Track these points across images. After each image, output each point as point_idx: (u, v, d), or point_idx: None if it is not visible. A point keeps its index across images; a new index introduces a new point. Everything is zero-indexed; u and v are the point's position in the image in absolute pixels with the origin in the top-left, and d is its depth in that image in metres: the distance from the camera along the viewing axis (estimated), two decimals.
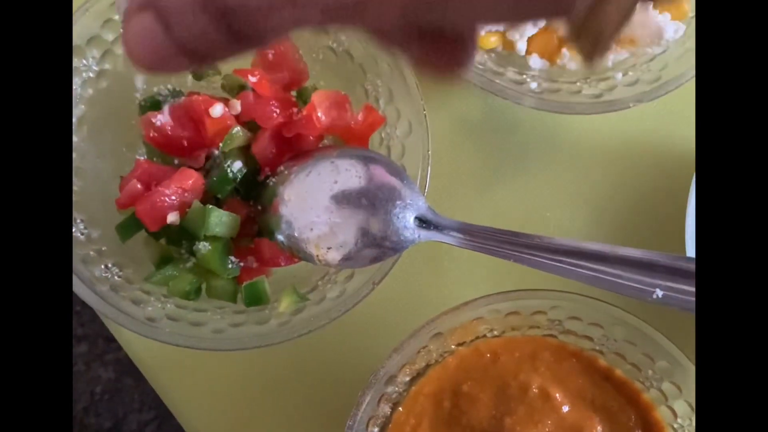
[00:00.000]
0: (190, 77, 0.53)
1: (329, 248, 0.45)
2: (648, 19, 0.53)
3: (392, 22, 0.23)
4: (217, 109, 0.48)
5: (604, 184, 0.58)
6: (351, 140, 0.50)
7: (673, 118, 0.58)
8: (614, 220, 0.57)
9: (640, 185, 0.58)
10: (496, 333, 0.49)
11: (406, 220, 0.45)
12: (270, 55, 0.51)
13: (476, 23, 0.24)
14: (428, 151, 0.48)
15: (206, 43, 0.23)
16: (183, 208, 0.48)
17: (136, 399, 0.58)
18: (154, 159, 0.50)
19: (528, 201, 0.58)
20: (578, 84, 0.54)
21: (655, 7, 0.52)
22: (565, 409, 0.47)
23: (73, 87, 0.50)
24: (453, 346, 0.49)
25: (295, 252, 0.47)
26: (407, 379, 0.48)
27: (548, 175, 0.58)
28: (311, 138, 0.49)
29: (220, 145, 0.48)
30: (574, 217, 0.57)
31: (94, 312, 0.58)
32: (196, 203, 0.47)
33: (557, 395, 0.47)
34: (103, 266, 0.49)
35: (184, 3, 0.22)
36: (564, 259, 0.43)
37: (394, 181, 0.46)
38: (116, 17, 0.50)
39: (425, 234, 0.45)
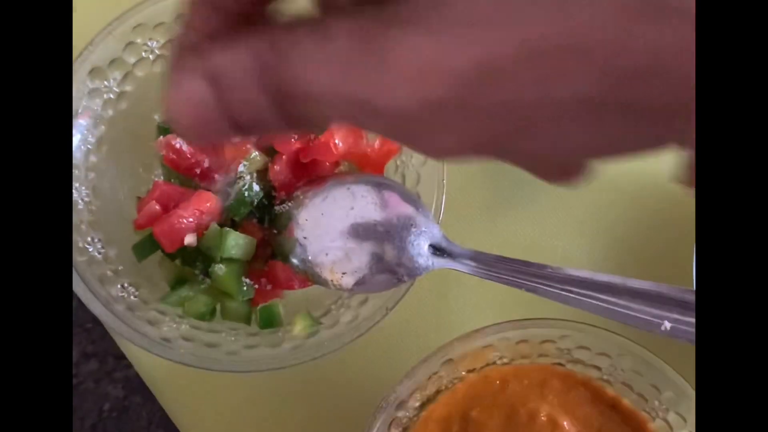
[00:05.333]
0: None
1: (344, 273, 0.46)
2: None
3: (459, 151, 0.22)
4: None
5: (613, 214, 0.59)
6: (367, 167, 0.51)
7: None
8: (622, 251, 0.58)
9: (649, 216, 0.59)
10: (505, 360, 0.50)
11: (420, 247, 0.46)
12: None
13: (583, 155, 0.23)
14: (443, 179, 0.49)
15: (259, 122, 0.22)
16: (200, 230, 0.48)
17: (144, 417, 0.58)
18: (172, 180, 0.51)
19: (537, 230, 0.59)
20: None
21: None
22: None
23: (95, 108, 0.51)
24: (463, 373, 0.49)
25: (309, 276, 0.47)
26: (417, 404, 0.49)
27: (557, 204, 0.59)
28: (327, 164, 0.50)
29: (240, 168, 0.49)
30: (583, 246, 0.58)
31: (104, 329, 0.58)
32: (214, 225, 0.48)
33: (565, 423, 0.48)
34: (119, 286, 0.49)
35: (245, 81, 0.21)
36: (574, 289, 0.43)
37: (408, 208, 0.47)
38: (138, 40, 0.51)
39: (439, 261, 0.46)
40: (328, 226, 0.47)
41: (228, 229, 0.48)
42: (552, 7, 0.18)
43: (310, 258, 0.47)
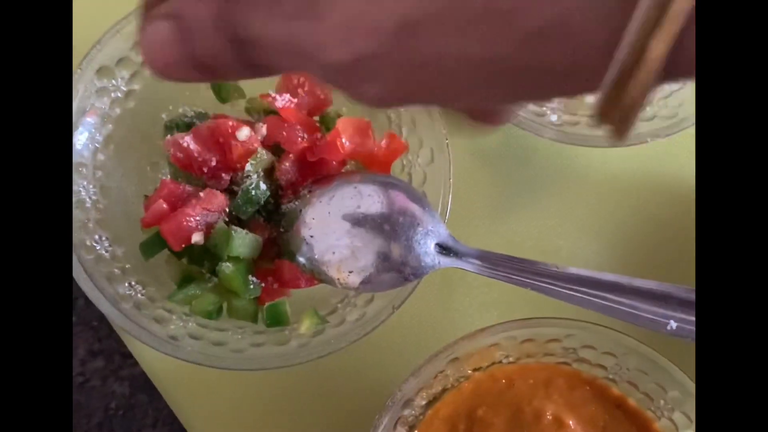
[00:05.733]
0: (214, 101, 0.54)
1: (350, 272, 0.46)
2: None
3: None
4: (244, 132, 0.49)
5: (618, 215, 0.59)
6: (373, 166, 0.51)
7: (687, 153, 0.59)
8: (626, 251, 0.58)
9: (653, 217, 0.59)
10: (511, 359, 0.50)
11: (426, 246, 0.46)
12: (295, 80, 0.52)
13: (500, 105, 0.25)
14: (450, 179, 0.50)
15: (219, 62, 0.24)
16: (207, 228, 0.48)
17: (150, 415, 0.58)
18: (179, 179, 0.51)
19: (542, 229, 0.59)
20: None
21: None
22: None
23: (102, 107, 0.51)
24: (469, 371, 0.49)
25: (315, 274, 0.48)
26: (424, 402, 0.49)
27: (562, 204, 0.59)
28: (334, 163, 0.50)
29: (247, 167, 0.49)
30: (587, 246, 0.59)
31: (110, 327, 0.58)
32: (221, 224, 0.48)
33: (570, 422, 0.48)
34: (126, 284, 0.50)
35: (205, 23, 0.23)
36: (580, 288, 0.44)
37: (415, 207, 0.47)
38: None
39: (445, 260, 0.46)
40: (335, 225, 0.47)
41: (235, 227, 0.48)
42: None
43: (316, 256, 0.47)
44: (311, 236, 0.47)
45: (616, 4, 0.19)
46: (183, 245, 0.48)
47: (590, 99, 0.22)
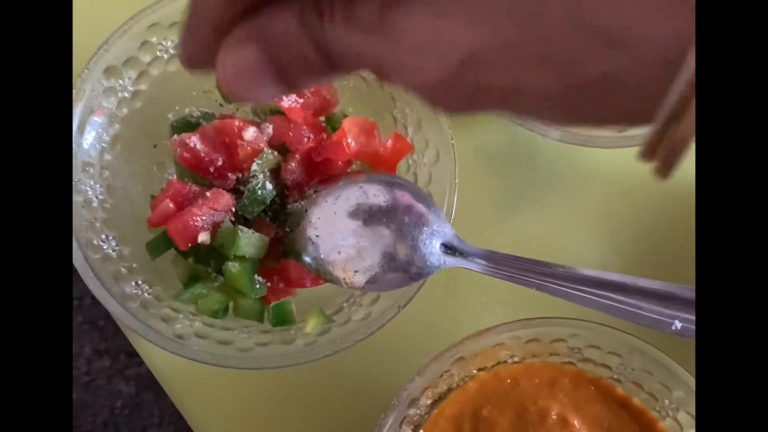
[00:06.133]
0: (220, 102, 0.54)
1: (356, 271, 0.46)
2: None
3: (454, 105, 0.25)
4: (250, 133, 0.49)
5: (622, 215, 0.59)
6: (379, 166, 0.51)
7: (690, 154, 0.59)
8: (631, 251, 0.58)
9: (657, 217, 0.59)
10: (516, 359, 0.50)
11: (432, 246, 0.46)
12: None
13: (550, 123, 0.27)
14: (455, 179, 0.50)
15: (309, 71, 0.25)
16: (214, 228, 0.49)
17: (156, 414, 0.58)
18: (185, 179, 0.51)
19: (547, 230, 0.59)
20: None
21: None
22: None
23: (109, 106, 0.52)
24: (474, 371, 0.49)
25: (321, 274, 0.48)
26: (429, 402, 0.49)
27: (567, 205, 0.59)
28: (340, 163, 0.51)
29: (253, 167, 0.49)
30: (592, 246, 0.59)
31: (116, 327, 0.59)
32: (227, 224, 0.48)
33: (575, 422, 0.48)
34: (133, 283, 0.50)
35: (290, 34, 0.24)
36: (585, 288, 0.44)
37: (420, 207, 0.47)
38: (153, 39, 0.52)
39: (450, 260, 0.46)
40: (340, 225, 0.47)
41: (241, 227, 0.48)
42: (530, 18, 0.21)
43: (322, 256, 0.47)
44: (317, 236, 0.47)
45: (661, 71, 0.20)
46: (189, 245, 0.48)
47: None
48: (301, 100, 0.51)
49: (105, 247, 0.50)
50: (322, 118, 0.53)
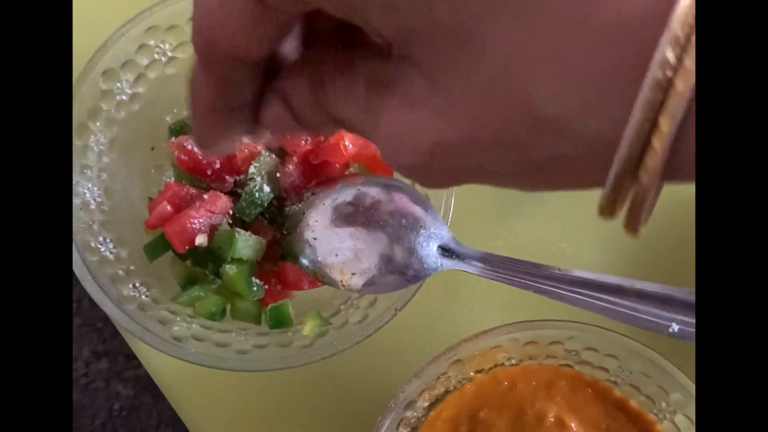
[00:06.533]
0: None
1: (353, 274, 0.46)
2: None
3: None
4: None
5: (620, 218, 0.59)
6: (376, 169, 0.51)
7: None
8: (628, 254, 0.58)
9: (656, 220, 0.58)
10: (513, 361, 0.50)
11: (429, 248, 0.46)
12: None
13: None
14: None
15: (321, 124, 0.30)
16: (211, 230, 0.49)
17: (154, 416, 0.58)
18: (183, 182, 0.51)
19: (544, 232, 0.59)
20: None
21: None
22: None
23: (108, 109, 0.52)
24: (471, 373, 0.50)
25: (318, 276, 0.48)
26: (426, 404, 0.49)
27: (565, 207, 0.59)
28: (337, 166, 0.51)
29: (251, 170, 0.49)
30: (589, 249, 0.59)
31: (114, 329, 0.59)
32: (225, 226, 0.48)
33: (573, 424, 0.48)
34: (131, 285, 0.50)
35: (306, 100, 0.29)
36: (582, 291, 0.44)
37: (418, 210, 0.47)
38: (151, 43, 0.52)
39: (448, 263, 0.46)
40: (337, 227, 0.47)
41: (238, 229, 0.48)
42: (483, 111, 0.24)
43: (319, 259, 0.47)
44: (314, 238, 0.47)
45: (604, 149, 0.23)
46: (187, 247, 0.48)
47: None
48: None
49: (102, 250, 0.50)
50: None
